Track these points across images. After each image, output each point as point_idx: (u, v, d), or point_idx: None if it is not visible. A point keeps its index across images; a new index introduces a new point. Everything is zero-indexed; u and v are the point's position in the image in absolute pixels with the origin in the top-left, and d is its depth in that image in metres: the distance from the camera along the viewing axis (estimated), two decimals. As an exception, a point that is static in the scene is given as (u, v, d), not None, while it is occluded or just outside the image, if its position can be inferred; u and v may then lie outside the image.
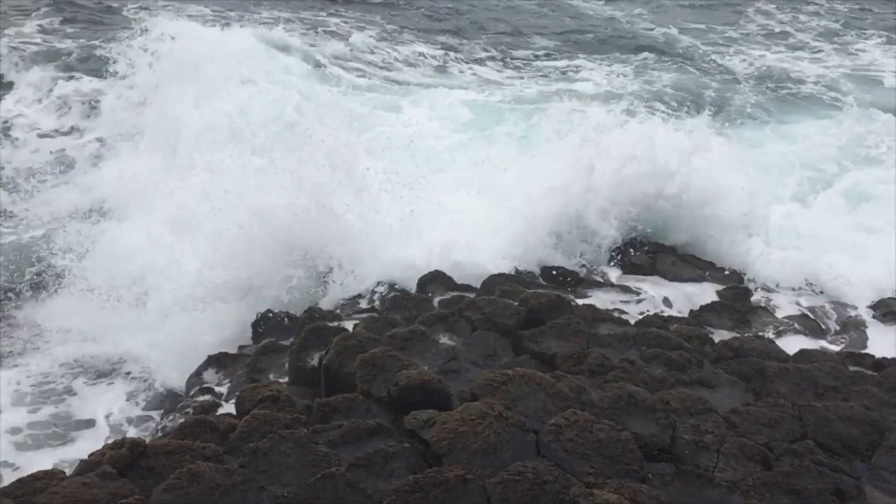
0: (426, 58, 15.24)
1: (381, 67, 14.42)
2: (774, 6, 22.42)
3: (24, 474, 3.87)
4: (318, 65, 13.68)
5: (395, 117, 11.46)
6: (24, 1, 16.20)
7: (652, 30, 19.12)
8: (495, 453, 3.81)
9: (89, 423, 6.05)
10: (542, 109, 11.58)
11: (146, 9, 16.18)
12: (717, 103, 12.98)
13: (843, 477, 3.89)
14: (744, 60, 16.56)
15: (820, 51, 17.68)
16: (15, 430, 5.84)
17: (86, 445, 5.44)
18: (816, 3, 22.97)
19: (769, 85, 14.67)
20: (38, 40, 14.05)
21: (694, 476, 3.82)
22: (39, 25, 14.92)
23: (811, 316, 6.60)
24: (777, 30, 19.89)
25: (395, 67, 14.58)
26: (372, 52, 15.12)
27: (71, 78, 12.30)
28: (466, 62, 15.44)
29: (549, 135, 8.59)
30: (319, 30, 16.18)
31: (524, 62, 15.63)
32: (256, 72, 11.43)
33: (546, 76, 14.71)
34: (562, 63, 15.46)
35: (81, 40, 14.00)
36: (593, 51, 16.45)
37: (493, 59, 15.81)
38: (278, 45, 13.74)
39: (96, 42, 13.69)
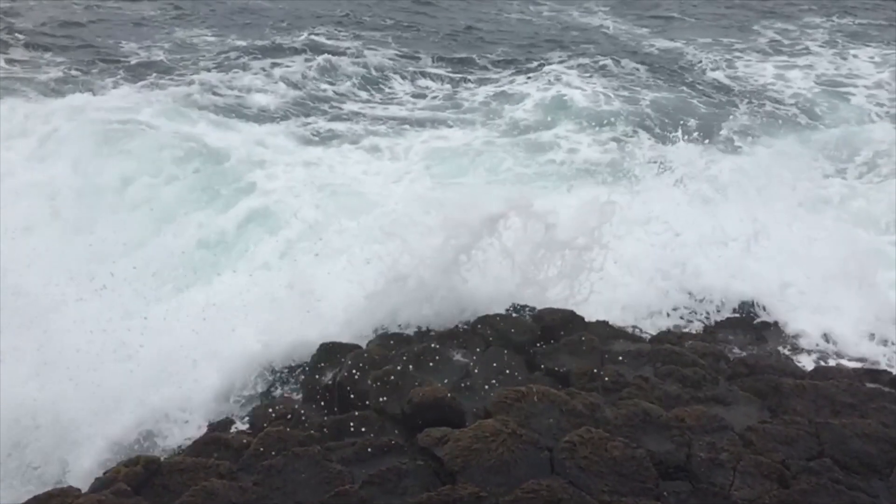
0: (432, 91, 15.03)
1: (381, 102, 14.15)
2: (784, 21, 22.43)
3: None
4: (303, 125, 12.67)
5: (356, 175, 10.49)
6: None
7: (654, 45, 19.18)
8: (509, 471, 3.80)
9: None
10: (532, 141, 11.70)
11: (151, 50, 16.11)
12: (704, 128, 13.05)
13: (860, 495, 3.84)
14: (740, 76, 16.61)
15: (813, 64, 17.72)
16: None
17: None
18: (829, 18, 22.95)
19: (757, 102, 14.74)
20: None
21: (710, 494, 3.79)
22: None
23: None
24: (786, 42, 19.90)
25: (400, 101, 14.33)
26: (371, 89, 14.80)
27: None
28: (476, 83, 15.41)
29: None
30: (327, 56, 15.98)
31: (527, 78, 15.58)
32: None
33: (543, 90, 14.57)
34: (561, 79, 15.39)
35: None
36: (592, 67, 16.45)
37: (501, 77, 15.81)
38: (256, 107, 13.14)
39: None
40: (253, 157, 10.48)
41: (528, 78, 15.48)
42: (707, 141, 12.08)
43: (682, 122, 13.11)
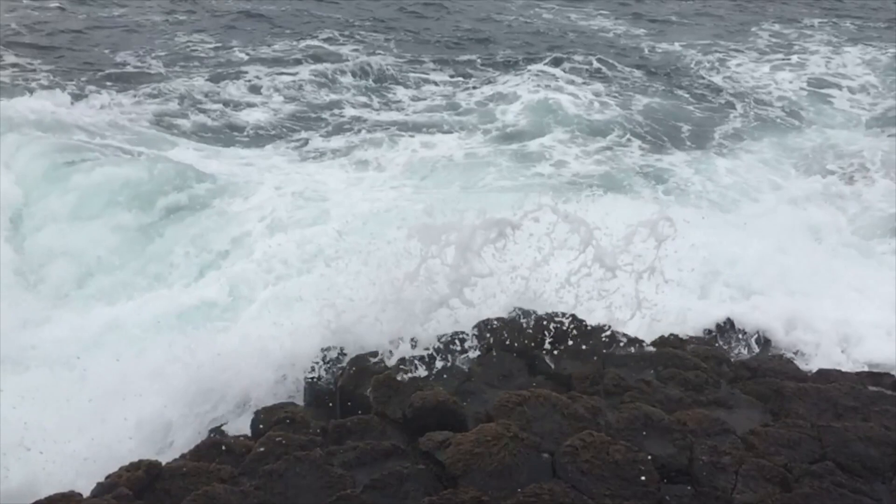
0: (431, 95, 14.97)
1: (380, 108, 14.06)
2: (784, 24, 22.48)
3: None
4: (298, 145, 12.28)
5: (336, 188, 9.91)
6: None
7: (651, 48, 19.26)
8: (511, 475, 3.79)
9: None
10: (522, 150, 11.78)
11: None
12: (696, 135, 13.20)
13: (863, 498, 3.83)
14: (734, 79, 16.75)
15: (808, 67, 17.86)
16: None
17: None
18: (829, 20, 23.00)
19: (749, 106, 14.90)
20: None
21: (712, 498, 3.79)
22: None
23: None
24: (783, 44, 19.98)
25: (399, 105, 14.27)
26: (372, 94, 14.75)
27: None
28: (473, 87, 15.42)
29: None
30: (326, 65, 15.88)
31: (522, 81, 15.61)
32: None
33: (537, 94, 14.60)
34: (558, 84, 15.41)
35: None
36: (589, 70, 16.53)
37: (498, 81, 15.84)
38: (250, 124, 12.75)
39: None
40: (234, 179, 9.79)
41: (524, 81, 15.64)
42: (699, 148, 12.29)
43: (674, 129, 13.31)
